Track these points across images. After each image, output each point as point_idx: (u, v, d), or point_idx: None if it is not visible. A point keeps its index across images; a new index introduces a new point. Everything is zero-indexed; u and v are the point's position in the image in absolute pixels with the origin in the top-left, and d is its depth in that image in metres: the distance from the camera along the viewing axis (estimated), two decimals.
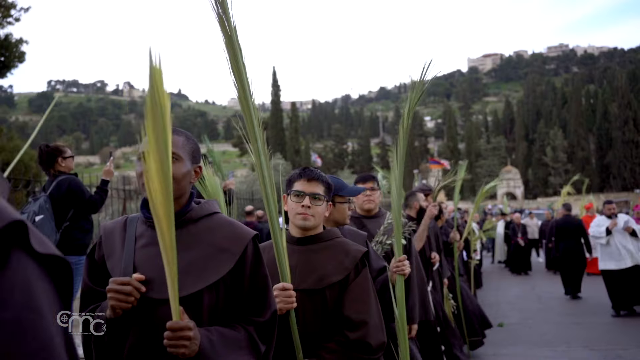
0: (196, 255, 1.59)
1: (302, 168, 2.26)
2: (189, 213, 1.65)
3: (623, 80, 66.56)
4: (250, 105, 1.79)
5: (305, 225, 2.16)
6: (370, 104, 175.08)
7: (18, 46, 14.21)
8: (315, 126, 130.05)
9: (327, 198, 2.22)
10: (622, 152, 62.44)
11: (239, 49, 1.66)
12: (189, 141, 1.68)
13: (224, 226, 1.67)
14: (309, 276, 2.11)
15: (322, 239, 2.22)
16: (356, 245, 2.23)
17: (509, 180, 67.41)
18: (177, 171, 1.57)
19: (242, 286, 1.61)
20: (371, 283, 2.15)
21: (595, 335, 7.01)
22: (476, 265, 10.48)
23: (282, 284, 1.95)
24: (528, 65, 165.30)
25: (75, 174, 4.62)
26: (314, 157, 55.41)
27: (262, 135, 1.87)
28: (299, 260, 2.15)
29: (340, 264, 2.13)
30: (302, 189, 2.17)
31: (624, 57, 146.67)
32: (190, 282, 1.53)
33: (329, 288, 2.09)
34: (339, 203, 2.64)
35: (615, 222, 8.20)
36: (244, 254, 1.62)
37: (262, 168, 1.87)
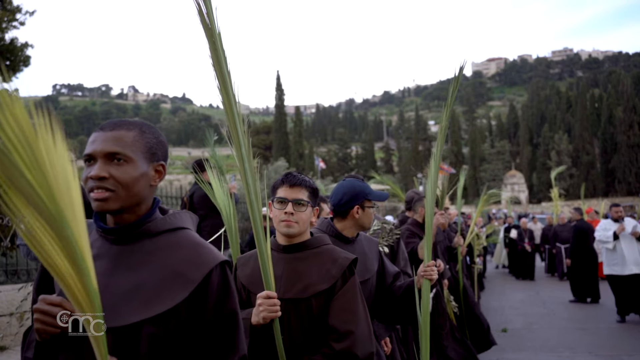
0: (145, 278, 1.30)
1: (285, 174, 2.17)
2: (147, 225, 1.36)
3: (628, 84, 66.34)
4: (234, 112, 1.71)
5: (289, 233, 2.08)
6: (374, 108, 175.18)
7: (23, 50, 14.29)
8: (319, 130, 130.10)
9: (311, 203, 2.13)
10: (627, 156, 62.21)
11: (223, 55, 1.61)
12: (143, 136, 1.38)
13: (186, 246, 1.37)
14: (295, 285, 2.03)
15: (308, 247, 2.13)
16: (344, 252, 2.14)
17: (513, 184, 67.24)
18: (123, 175, 1.31)
19: (203, 323, 1.31)
20: (359, 291, 2.05)
21: (600, 340, 6.96)
22: (480, 270, 10.46)
23: (266, 292, 1.87)
24: (532, 69, 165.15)
25: None
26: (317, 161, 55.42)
27: (247, 141, 1.79)
28: (285, 268, 2.07)
29: (327, 272, 2.03)
30: (284, 196, 2.09)
31: (629, 61, 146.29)
32: (130, 310, 1.26)
33: (315, 297, 2.00)
34: (367, 207, 2.58)
35: (623, 226, 7.99)
36: (206, 283, 1.32)
37: (247, 175, 1.80)
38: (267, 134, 73.20)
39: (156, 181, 1.39)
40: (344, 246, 2.47)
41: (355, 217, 2.53)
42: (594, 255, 10.31)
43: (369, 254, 2.56)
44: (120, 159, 1.31)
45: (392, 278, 2.60)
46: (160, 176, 1.41)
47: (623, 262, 7.88)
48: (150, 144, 1.39)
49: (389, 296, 2.54)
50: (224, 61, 1.61)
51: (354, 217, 2.53)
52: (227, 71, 1.63)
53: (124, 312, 1.25)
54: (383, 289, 2.56)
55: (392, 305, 2.53)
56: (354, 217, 2.53)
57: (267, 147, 69.19)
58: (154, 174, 1.39)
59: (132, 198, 1.33)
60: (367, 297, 2.42)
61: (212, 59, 1.60)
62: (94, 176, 1.30)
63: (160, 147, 1.42)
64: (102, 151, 1.31)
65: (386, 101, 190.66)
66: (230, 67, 1.64)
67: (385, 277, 2.58)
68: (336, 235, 2.51)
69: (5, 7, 13.40)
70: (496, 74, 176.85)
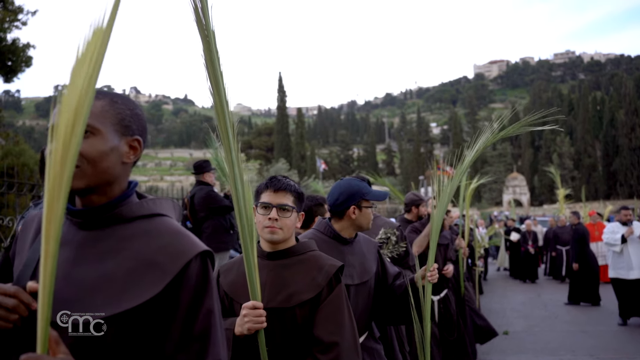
0: (114, 268, 1.13)
1: (270, 178, 2.10)
2: (120, 209, 1.19)
3: (630, 87, 66.36)
4: (226, 115, 1.66)
5: (273, 239, 2.01)
6: (376, 110, 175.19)
7: (25, 51, 14.28)
8: (321, 132, 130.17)
9: (297, 209, 2.06)
10: (628, 159, 62.17)
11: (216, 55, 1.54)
12: (114, 106, 1.21)
13: (164, 234, 1.19)
14: (279, 294, 1.96)
15: (293, 253, 2.05)
16: (331, 259, 2.06)
17: (515, 187, 67.23)
18: (89, 148, 1.14)
19: (173, 322, 1.13)
20: (346, 300, 1.99)
21: (601, 343, 6.94)
22: (481, 272, 10.45)
23: (252, 303, 1.81)
24: (534, 71, 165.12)
25: None
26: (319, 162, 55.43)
27: (237, 146, 1.73)
28: (269, 276, 2.00)
29: (312, 280, 1.97)
30: (268, 201, 2.02)
31: (631, 63, 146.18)
32: (94, 305, 1.09)
33: (299, 306, 1.93)
34: (365, 208, 2.50)
35: (632, 230, 7.83)
36: (182, 276, 1.14)
37: (236, 180, 1.74)
38: (269, 135, 73.23)
39: (130, 158, 1.23)
40: (342, 247, 2.43)
41: (352, 218, 2.47)
42: (593, 258, 10.37)
43: (368, 255, 2.50)
44: (86, 131, 1.13)
45: (393, 278, 2.56)
46: (136, 153, 1.24)
47: (629, 266, 7.76)
48: (122, 115, 1.21)
49: (389, 295, 2.51)
50: (217, 61, 1.56)
51: (351, 217, 2.47)
52: (220, 72, 1.58)
53: (89, 307, 1.09)
54: (384, 290, 2.53)
55: (392, 304, 2.50)
56: (350, 218, 2.47)
57: (268, 149, 69.23)
58: (128, 150, 1.22)
59: (100, 175, 1.16)
60: (366, 300, 2.39)
61: (205, 58, 1.53)
62: None
63: (136, 120, 1.25)
64: None
65: (388, 103, 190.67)
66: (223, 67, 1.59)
67: (387, 278, 2.55)
68: (334, 236, 2.46)
69: (7, 7, 13.41)
70: (498, 76, 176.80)
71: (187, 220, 5.79)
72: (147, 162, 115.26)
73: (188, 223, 5.80)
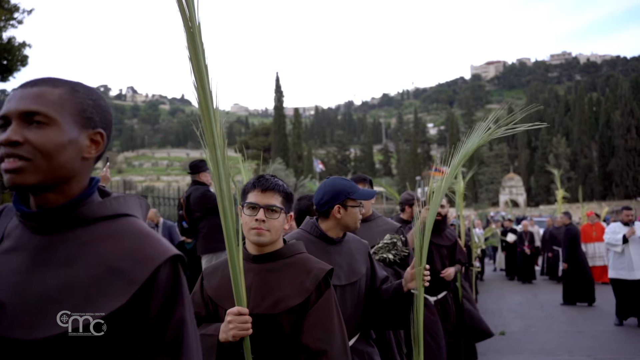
0: (74, 277, 0.99)
1: (257, 177, 2.01)
2: (80, 209, 1.05)
3: (626, 88, 66.60)
4: (210, 111, 1.57)
5: (260, 241, 1.92)
6: (373, 111, 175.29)
7: (21, 49, 14.24)
8: (318, 132, 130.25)
9: (285, 210, 1.98)
10: (624, 160, 62.40)
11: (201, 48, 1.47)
12: (74, 95, 1.07)
13: (129, 237, 1.05)
14: (265, 299, 1.88)
15: (281, 256, 1.98)
16: (319, 262, 1.98)
17: (512, 187, 67.43)
18: (42, 139, 1.01)
19: (141, 334, 1.01)
20: (335, 305, 1.91)
21: (598, 343, 6.94)
22: (478, 273, 10.46)
23: (237, 308, 1.74)
24: (531, 72, 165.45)
25: None
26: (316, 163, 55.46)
27: (223, 144, 1.64)
28: (255, 280, 1.92)
29: (300, 285, 1.89)
30: (255, 201, 1.93)
31: (627, 65, 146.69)
32: (50, 319, 0.97)
33: (287, 313, 1.86)
34: (350, 207, 2.42)
35: (634, 230, 7.76)
36: (151, 284, 1.01)
37: (221, 180, 1.65)
38: (266, 135, 73.28)
39: (92, 153, 1.08)
40: (329, 247, 2.38)
41: (337, 217, 2.40)
42: (584, 259, 10.54)
43: (357, 256, 2.44)
44: (39, 121, 1.01)
45: (381, 282, 2.50)
46: (98, 147, 1.09)
47: (630, 267, 7.70)
48: (83, 105, 1.07)
49: (375, 299, 2.45)
50: (202, 55, 1.48)
51: (336, 217, 2.40)
52: (204, 66, 1.51)
53: (42, 323, 0.97)
54: (371, 293, 2.47)
55: (378, 308, 2.43)
56: (335, 217, 2.41)
57: (265, 149, 69.23)
58: (89, 144, 1.07)
59: (55, 171, 1.02)
60: (355, 301, 2.34)
61: (189, 52, 1.46)
62: (4, 141, 0.99)
63: (99, 112, 1.11)
64: (16, 110, 1.01)
65: (385, 103, 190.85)
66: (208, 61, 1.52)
67: (375, 281, 2.49)
68: (320, 236, 2.40)
69: (3, 5, 13.36)
70: (495, 77, 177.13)
71: (183, 220, 5.77)
72: (144, 162, 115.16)
73: (184, 223, 5.77)
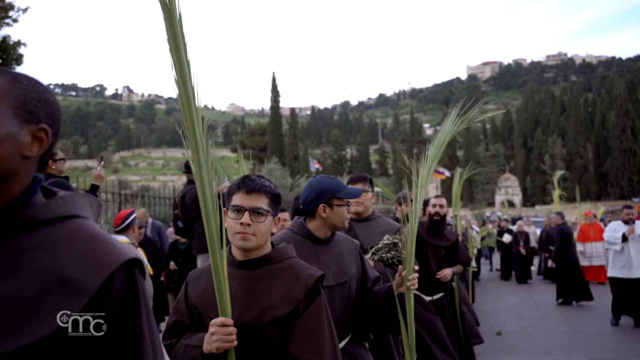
0: (16, 289, 0.86)
1: (242, 177, 1.89)
2: (21, 212, 0.93)
3: (621, 89, 66.80)
4: (192, 108, 1.48)
5: (245, 246, 1.81)
6: (369, 111, 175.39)
7: (16, 48, 14.16)
8: (314, 132, 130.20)
9: (272, 212, 1.87)
10: (620, 160, 62.59)
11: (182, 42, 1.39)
12: (15, 86, 0.95)
13: (78, 241, 0.93)
14: (251, 308, 1.77)
15: (269, 262, 1.86)
16: (310, 268, 1.88)
17: (507, 187, 67.54)
18: None
19: (93, 350, 0.90)
20: (325, 314, 1.80)
21: (595, 344, 6.94)
22: (474, 272, 10.45)
23: (221, 319, 1.65)
24: (527, 73, 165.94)
25: (67, 177, 4.53)
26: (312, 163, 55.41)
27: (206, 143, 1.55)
28: (240, 287, 1.82)
29: (288, 293, 1.78)
30: (240, 203, 1.82)
31: (622, 66, 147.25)
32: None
33: (273, 323, 1.75)
34: (336, 206, 2.37)
35: (633, 228, 7.73)
36: (103, 293, 0.89)
37: (203, 182, 1.55)
38: (262, 135, 73.14)
39: (33, 151, 0.96)
40: (317, 247, 2.33)
41: (323, 217, 2.36)
42: (575, 258, 10.70)
43: (346, 256, 2.39)
44: None
45: (372, 283, 2.45)
46: (42, 145, 0.97)
47: (630, 265, 7.68)
48: (26, 97, 0.95)
49: (366, 301, 2.40)
50: (183, 48, 1.40)
51: (322, 216, 2.36)
52: (186, 60, 1.43)
53: None
54: (362, 294, 2.42)
55: (369, 311, 2.37)
56: (321, 217, 2.36)
57: (262, 149, 69.10)
58: (30, 141, 0.95)
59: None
60: (345, 302, 2.30)
61: (170, 45, 1.38)
62: None
63: (44, 107, 0.98)
64: None
65: (381, 104, 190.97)
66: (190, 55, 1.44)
67: (366, 282, 2.44)
68: (308, 236, 2.35)
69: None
70: (491, 77, 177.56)
71: (179, 219, 5.74)
72: (140, 161, 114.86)
73: (179, 223, 5.74)
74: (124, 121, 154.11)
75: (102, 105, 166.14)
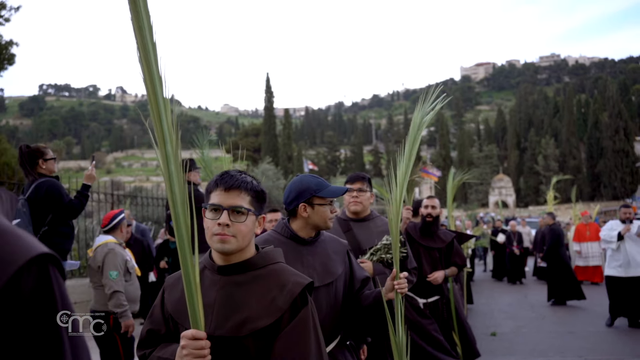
0: None
1: (221, 173, 1.72)
2: None
3: (614, 90, 67.31)
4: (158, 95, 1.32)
5: (224, 249, 1.63)
6: (363, 112, 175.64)
7: (8, 48, 14.06)
8: (308, 133, 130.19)
9: (254, 211, 1.69)
10: (612, 161, 62.98)
11: (147, 21, 1.25)
12: None
13: None
14: (230, 318, 1.60)
15: (252, 267, 1.69)
16: (296, 275, 1.71)
17: (501, 188, 67.84)
18: None
19: None
20: (313, 325, 1.63)
21: (589, 344, 6.92)
22: (469, 273, 10.44)
23: (191, 332, 1.46)
24: (520, 74, 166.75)
25: (57, 176, 4.47)
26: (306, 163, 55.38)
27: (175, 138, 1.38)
28: (219, 295, 1.65)
29: (271, 302, 1.61)
30: (218, 202, 1.64)
31: (615, 67, 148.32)
32: None
33: (253, 336, 1.58)
34: (317, 205, 2.30)
35: (629, 227, 7.68)
36: (12, 293, 0.75)
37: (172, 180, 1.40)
38: (256, 136, 73.01)
39: None
40: (301, 248, 2.28)
41: (304, 216, 2.30)
42: (566, 258, 10.82)
43: (333, 256, 2.32)
44: None
45: (360, 284, 2.36)
46: None
47: (627, 264, 7.66)
48: None
49: (354, 305, 2.32)
50: (147, 29, 1.26)
51: (303, 216, 2.30)
52: (151, 42, 1.29)
53: None
54: (350, 296, 2.34)
55: (358, 315, 2.29)
56: (302, 216, 2.31)
57: (255, 150, 68.99)
58: None
59: None
60: (332, 303, 2.23)
61: (133, 25, 1.24)
62: None
63: None
64: None
65: (375, 104, 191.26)
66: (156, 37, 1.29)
67: (354, 283, 2.35)
68: (291, 237, 2.30)
69: None
70: (485, 78, 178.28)
71: (171, 219, 5.70)
72: (133, 162, 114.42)
73: (171, 223, 5.69)
74: (117, 122, 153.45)
75: (96, 105, 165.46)
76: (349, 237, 3.28)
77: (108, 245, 4.46)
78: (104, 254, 4.37)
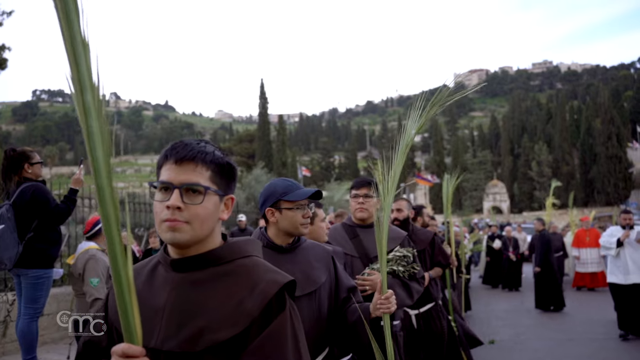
0: None
1: (172, 144, 1.30)
2: None
3: (606, 97, 67.60)
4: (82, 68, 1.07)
5: (175, 240, 1.23)
6: (357, 118, 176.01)
7: (0, 53, 13.90)
8: (302, 139, 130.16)
9: (218, 190, 1.28)
10: (605, 167, 63.24)
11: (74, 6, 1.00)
12: None
13: None
14: (183, 327, 1.21)
15: (215, 261, 1.29)
16: (273, 272, 1.32)
17: (495, 194, 67.93)
18: None
19: None
20: (293, 337, 1.23)
21: (589, 351, 6.81)
22: (467, 280, 10.33)
23: (122, 347, 1.06)
24: (513, 81, 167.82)
25: (43, 181, 4.33)
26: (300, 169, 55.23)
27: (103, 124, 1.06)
28: (171, 297, 1.26)
29: (237, 307, 1.21)
30: (168, 179, 1.24)
31: (607, 74, 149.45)
32: None
33: (211, 351, 1.19)
34: (285, 210, 2.17)
35: (628, 233, 7.52)
36: None
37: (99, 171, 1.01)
38: (250, 142, 72.85)
39: None
40: (279, 256, 2.11)
41: (273, 222, 2.19)
42: (555, 265, 10.84)
43: (315, 264, 2.16)
44: None
45: (347, 292, 2.19)
46: None
47: (626, 271, 7.50)
48: None
49: (340, 319, 2.15)
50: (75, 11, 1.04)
51: (272, 221, 2.19)
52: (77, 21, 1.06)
53: None
54: (336, 306, 2.18)
55: (343, 331, 2.13)
56: (272, 222, 2.19)
57: (250, 156, 68.81)
58: None
59: None
60: (317, 315, 2.06)
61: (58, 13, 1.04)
62: None
63: None
64: None
65: (369, 111, 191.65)
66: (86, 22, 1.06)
67: (339, 292, 2.19)
68: (268, 244, 2.15)
69: None
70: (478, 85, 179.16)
71: None
72: (127, 168, 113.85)
73: None
74: (110, 127, 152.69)
75: None
76: (356, 244, 3.13)
77: (89, 251, 4.30)
78: (85, 261, 4.21)
